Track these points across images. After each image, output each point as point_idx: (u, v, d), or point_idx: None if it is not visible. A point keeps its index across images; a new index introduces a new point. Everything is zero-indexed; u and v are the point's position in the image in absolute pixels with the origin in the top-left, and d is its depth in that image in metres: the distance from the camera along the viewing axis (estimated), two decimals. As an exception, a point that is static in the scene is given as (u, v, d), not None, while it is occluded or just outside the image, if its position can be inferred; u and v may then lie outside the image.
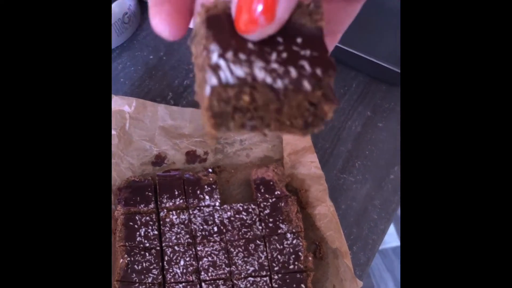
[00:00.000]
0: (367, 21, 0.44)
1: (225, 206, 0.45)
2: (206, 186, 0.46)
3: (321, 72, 0.17)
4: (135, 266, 0.41)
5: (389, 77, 0.54)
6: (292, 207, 0.45)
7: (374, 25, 0.55)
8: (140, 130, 0.49)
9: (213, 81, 0.16)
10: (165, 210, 0.44)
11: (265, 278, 0.42)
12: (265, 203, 0.45)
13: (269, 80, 0.16)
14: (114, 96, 0.49)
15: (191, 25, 0.19)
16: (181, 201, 0.45)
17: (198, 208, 0.45)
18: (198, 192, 0.46)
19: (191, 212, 0.45)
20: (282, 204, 0.45)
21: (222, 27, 0.17)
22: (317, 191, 0.47)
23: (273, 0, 0.15)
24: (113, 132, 0.48)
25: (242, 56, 0.16)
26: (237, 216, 0.45)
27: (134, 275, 0.41)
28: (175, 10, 0.18)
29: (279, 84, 0.16)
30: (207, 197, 0.45)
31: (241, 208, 0.45)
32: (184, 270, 0.42)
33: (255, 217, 0.45)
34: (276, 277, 0.42)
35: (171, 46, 0.56)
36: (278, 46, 0.17)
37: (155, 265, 0.42)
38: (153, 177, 0.47)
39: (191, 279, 0.42)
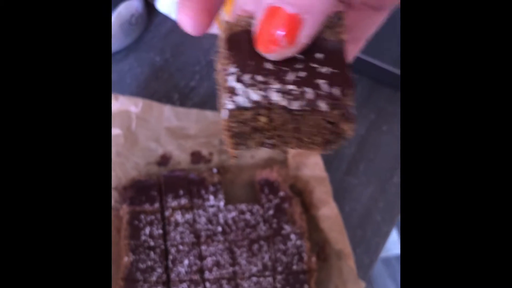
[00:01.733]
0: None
1: (229, 206, 0.46)
2: (210, 186, 0.46)
3: (339, 91, 0.16)
4: (140, 265, 0.42)
5: (393, 81, 0.54)
6: (296, 208, 0.46)
7: (379, 29, 0.55)
8: (146, 130, 0.49)
9: (230, 105, 0.16)
10: (170, 209, 0.45)
11: (268, 278, 0.42)
12: (269, 204, 0.46)
13: (284, 102, 0.16)
14: (121, 96, 0.50)
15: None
16: (186, 200, 0.45)
17: (202, 208, 0.45)
18: (203, 192, 0.46)
19: (195, 212, 0.45)
20: (286, 205, 0.46)
21: (241, 46, 0.17)
22: (321, 193, 0.47)
23: (296, 25, 0.15)
24: (119, 131, 0.48)
25: (259, 78, 0.16)
26: (241, 216, 0.45)
27: (138, 273, 0.41)
28: (200, 7, 0.18)
29: (295, 105, 0.16)
30: (211, 197, 0.46)
31: (245, 209, 0.45)
32: (189, 269, 0.42)
33: (259, 217, 0.45)
34: (279, 277, 0.42)
35: (177, 48, 0.56)
36: (296, 63, 0.17)
37: (159, 263, 0.42)
38: (158, 177, 0.47)
39: (195, 278, 0.42)
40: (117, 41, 0.55)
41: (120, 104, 0.49)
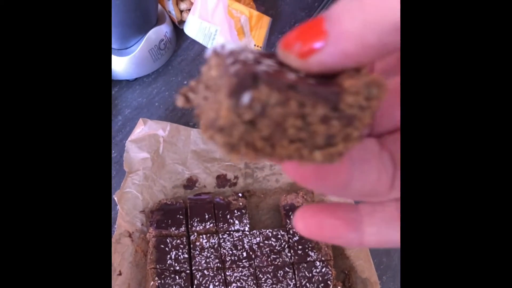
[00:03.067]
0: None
1: (254, 231, 0.46)
2: (236, 211, 0.46)
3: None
4: (165, 289, 0.42)
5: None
6: (322, 235, 0.45)
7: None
8: (173, 154, 0.50)
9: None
10: (195, 234, 0.45)
11: (293, 306, 0.42)
12: (294, 230, 0.45)
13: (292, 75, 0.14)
14: (149, 120, 0.51)
15: None
16: (211, 225, 0.46)
17: (227, 232, 0.45)
18: (228, 216, 0.46)
19: (220, 237, 0.45)
20: (312, 231, 0.45)
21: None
22: (347, 219, 0.47)
23: (314, 44, 0.14)
24: (147, 155, 0.49)
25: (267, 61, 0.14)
26: (266, 242, 0.45)
27: (164, 298, 0.42)
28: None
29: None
30: (236, 221, 0.46)
31: (270, 234, 0.45)
32: (213, 295, 0.42)
33: (284, 243, 0.45)
34: (304, 305, 0.42)
35: (204, 71, 0.57)
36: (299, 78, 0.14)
37: (184, 288, 0.42)
38: (184, 200, 0.48)
39: (219, 304, 0.42)
40: (146, 66, 0.56)
41: (148, 128, 0.50)
